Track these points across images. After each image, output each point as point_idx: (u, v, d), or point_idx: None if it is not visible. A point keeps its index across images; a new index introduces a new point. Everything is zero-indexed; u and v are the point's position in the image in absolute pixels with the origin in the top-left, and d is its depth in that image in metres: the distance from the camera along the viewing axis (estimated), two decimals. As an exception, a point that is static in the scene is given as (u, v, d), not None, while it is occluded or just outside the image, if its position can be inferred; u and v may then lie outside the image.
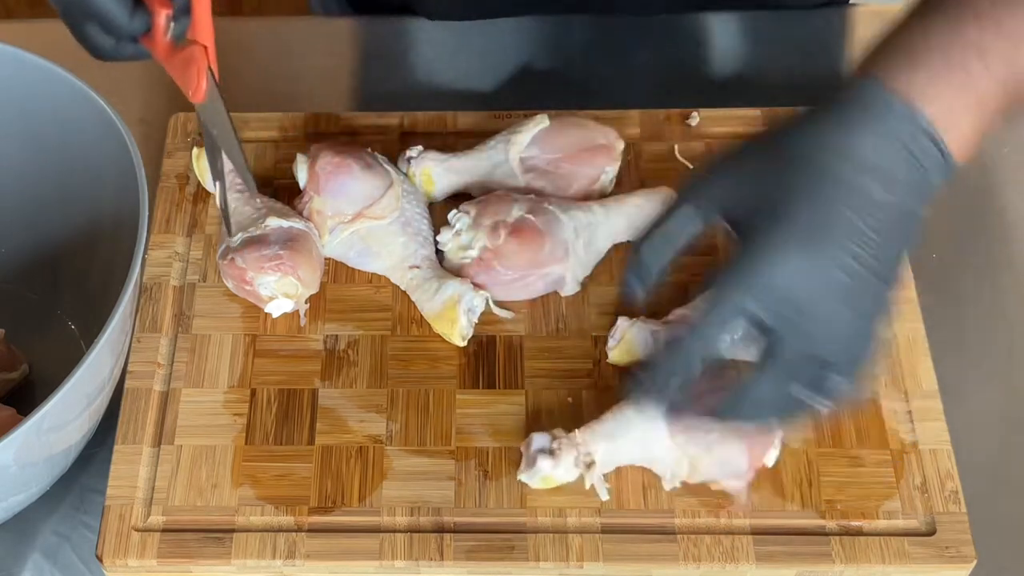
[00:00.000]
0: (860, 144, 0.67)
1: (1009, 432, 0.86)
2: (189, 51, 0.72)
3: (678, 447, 0.76)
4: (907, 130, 0.67)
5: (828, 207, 0.66)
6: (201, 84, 0.72)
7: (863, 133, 0.67)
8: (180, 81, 0.73)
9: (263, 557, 0.76)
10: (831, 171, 0.67)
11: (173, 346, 0.85)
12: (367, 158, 0.88)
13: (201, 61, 0.72)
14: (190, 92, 0.73)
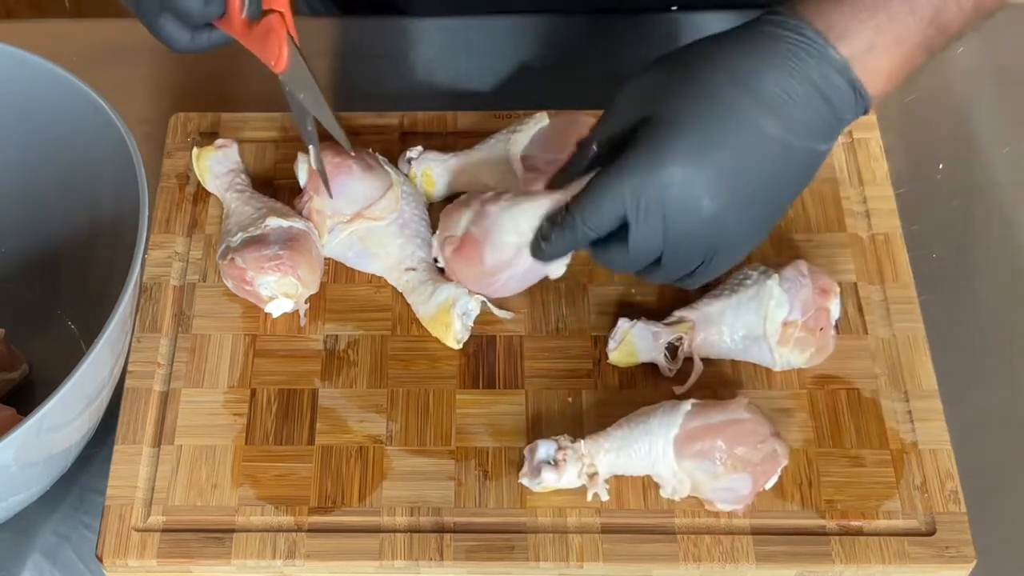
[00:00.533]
0: (763, 76, 0.69)
1: (1009, 432, 0.86)
2: (266, 22, 0.71)
3: (683, 470, 0.76)
4: (818, 67, 0.69)
5: (714, 129, 0.70)
6: (283, 53, 0.72)
7: (769, 66, 0.69)
8: (260, 54, 0.73)
9: (263, 557, 0.76)
10: (726, 97, 0.70)
11: (173, 346, 0.85)
12: (367, 158, 0.88)
13: (280, 30, 0.72)
14: (272, 62, 0.73)
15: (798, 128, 0.70)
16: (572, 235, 0.73)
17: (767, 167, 0.70)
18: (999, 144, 1.00)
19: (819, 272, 0.83)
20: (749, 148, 0.70)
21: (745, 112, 0.69)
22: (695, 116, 0.70)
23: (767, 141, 0.70)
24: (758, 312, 0.81)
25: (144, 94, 1.02)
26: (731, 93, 0.69)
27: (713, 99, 0.70)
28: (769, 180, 0.71)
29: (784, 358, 0.82)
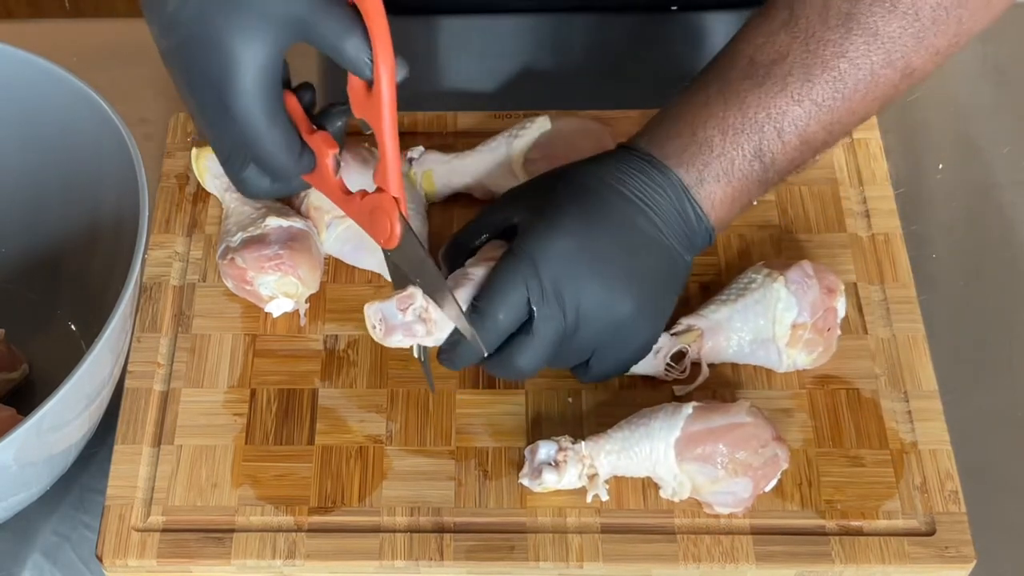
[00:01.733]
0: (629, 180, 0.76)
1: (1009, 432, 0.86)
2: (377, 199, 0.73)
3: (684, 473, 0.76)
4: (667, 183, 0.76)
5: (592, 213, 0.75)
6: (395, 232, 0.73)
7: (631, 175, 0.76)
8: (365, 226, 0.75)
9: (263, 557, 0.76)
10: (600, 192, 0.76)
11: (173, 346, 0.85)
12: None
13: (393, 212, 0.73)
14: (381, 240, 0.74)
15: (665, 229, 0.76)
16: (490, 325, 0.74)
17: (644, 257, 0.75)
18: (999, 144, 1.00)
19: (824, 271, 0.82)
20: (626, 235, 0.75)
21: (618, 204, 0.75)
22: (574, 203, 0.75)
23: (640, 233, 0.75)
24: (766, 315, 0.81)
25: (144, 94, 1.02)
26: (603, 190, 0.76)
27: (588, 192, 0.76)
28: (648, 271, 0.76)
29: (792, 359, 0.82)
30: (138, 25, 0.77)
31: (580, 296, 0.74)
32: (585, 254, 0.74)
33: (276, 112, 0.70)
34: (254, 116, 0.69)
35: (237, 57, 0.68)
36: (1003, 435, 0.85)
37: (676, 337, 0.82)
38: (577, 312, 0.74)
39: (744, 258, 0.88)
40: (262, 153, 0.71)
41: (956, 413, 0.82)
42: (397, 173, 0.72)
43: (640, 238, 0.75)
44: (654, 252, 0.76)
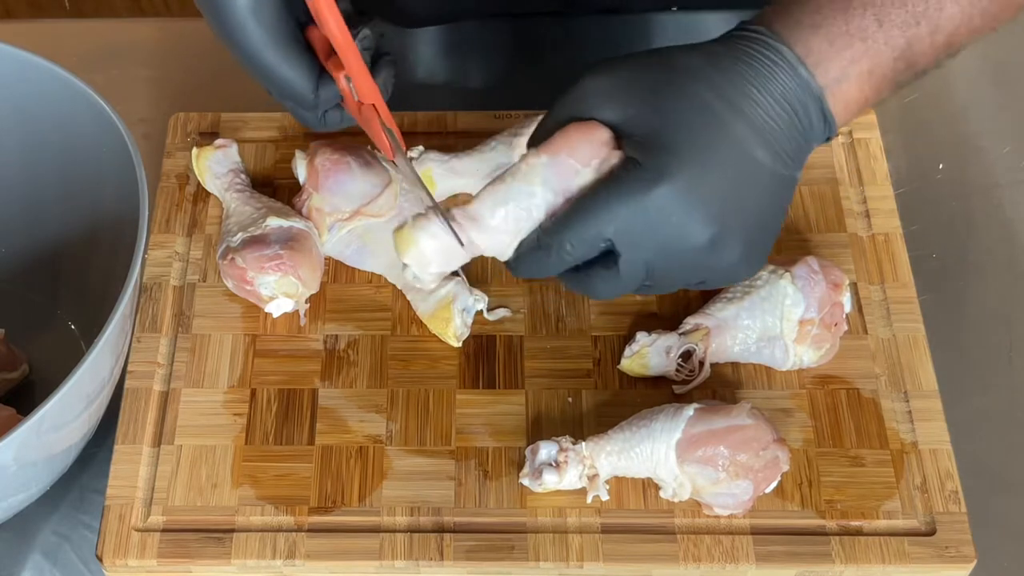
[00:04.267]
0: (752, 101, 0.67)
1: (1009, 432, 0.86)
2: (364, 112, 0.72)
3: (685, 474, 0.76)
4: (797, 94, 0.68)
5: (711, 154, 0.66)
6: (383, 143, 0.72)
7: (756, 90, 0.67)
8: (373, 139, 0.74)
9: (263, 557, 0.76)
10: (722, 120, 0.67)
11: (173, 346, 0.85)
12: (366, 155, 0.88)
13: (374, 122, 0.72)
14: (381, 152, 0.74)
15: (783, 156, 0.68)
16: (554, 259, 0.69)
17: (758, 195, 0.68)
18: (999, 144, 1.00)
19: (829, 266, 0.83)
20: (743, 176, 0.67)
21: (741, 138, 0.67)
22: (692, 139, 0.67)
23: (759, 169, 0.68)
24: (773, 313, 0.81)
25: (144, 94, 1.02)
26: (725, 116, 0.67)
27: (709, 121, 0.67)
28: (760, 209, 0.69)
29: (798, 357, 0.82)
30: (138, 25, 0.77)
31: (679, 250, 0.67)
32: (694, 207, 0.66)
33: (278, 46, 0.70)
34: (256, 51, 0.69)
35: None
36: (1003, 435, 0.85)
37: (684, 336, 0.82)
38: (670, 262, 0.68)
39: (744, 258, 0.88)
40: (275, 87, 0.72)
41: (956, 413, 0.82)
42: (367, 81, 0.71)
43: (760, 177, 0.67)
44: (769, 188, 0.68)
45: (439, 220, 0.70)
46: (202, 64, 1.04)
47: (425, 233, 0.70)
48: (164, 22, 1.15)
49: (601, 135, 0.68)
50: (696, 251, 0.67)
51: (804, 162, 0.70)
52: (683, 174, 0.66)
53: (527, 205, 0.69)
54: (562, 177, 0.68)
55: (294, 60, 0.71)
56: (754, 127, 0.67)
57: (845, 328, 0.83)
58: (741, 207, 0.67)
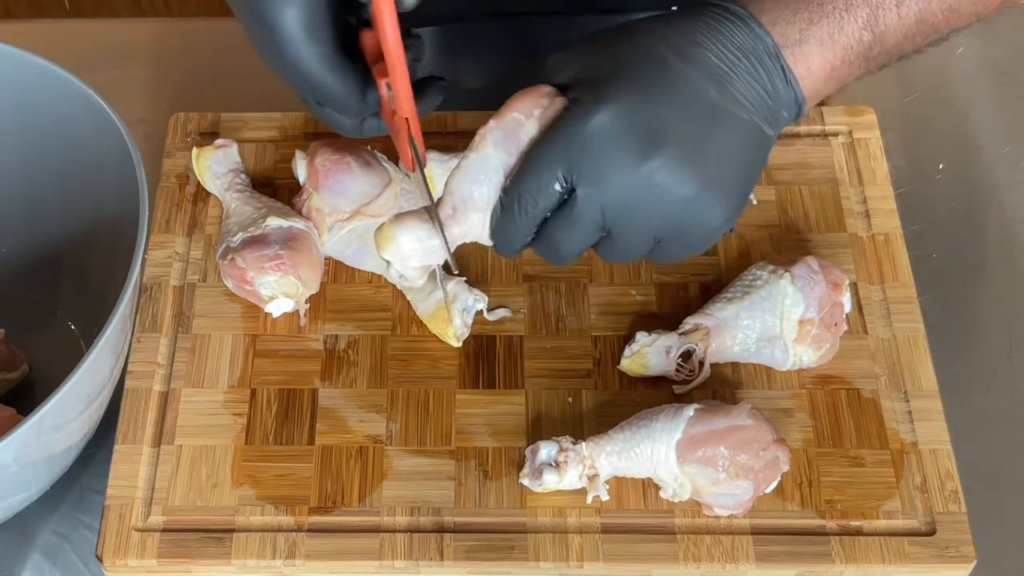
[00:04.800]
0: (703, 47, 0.67)
1: (1009, 432, 0.86)
2: (397, 124, 0.71)
3: (685, 475, 0.76)
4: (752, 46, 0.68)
5: (653, 86, 0.66)
6: (406, 155, 0.72)
7: (709, 39, 0.67)
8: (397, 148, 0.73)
9: (263, 557, 0.76)
10: (666, 61, 0.66)
11: (173, 346, 0.85)
12: (366, 155, 0.88)
13: (403, 135, 0.71)
14: (401, 162, 0.73)
15: (741, 99, 0.67)
16: (519, 217, 0.68)
17: (716, 128, 0.67)
18: (999, 144, 1.00)
19: (829, 266, 0.83)
20: (689, 103, 0.66)
21: (684, 74, 0.66)
22: (632, 74, 0.66)
23: (712, 107, 0.66)
24: (773, 312, 0.81)
25: (144, 94, 1.02)
26: (669, 57, 0.66)
27: (650, 60, 0.66)
28: (721, 143, 0.67)
29: (798, 357, 0.82)
30: (138, 25, 0.77)
31: (628, 177, 0.65)
32: (635, 130, 0.65)
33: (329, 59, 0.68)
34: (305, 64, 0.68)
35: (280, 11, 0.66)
36: (1003, 435, 0.85)
37: (684, 336, 0.82)
38: (627, 198, 0.66)
39: (744, 258, 0.88)
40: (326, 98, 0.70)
41: (956, 413, 0.82)
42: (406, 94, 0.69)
43: (710, 112, 0.66)
44: (727, 127, 0.67)
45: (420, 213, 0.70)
46: (202, 64, 1.04)
47: (401, 229, 0.70)
48: (164, 22, 1.16)
49: (543, 89, 0.69)
50: (646, 180, 0.66)
51: (776, 124, 0.69)
52: (619, 101, 0.65)
53: (485, 170, 0.69)
54: (509, 133, 0.68)
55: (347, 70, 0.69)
56: (701, 67, 0.67)
57: (845, 328, 0.83)
58: (693, 136, 0.66)
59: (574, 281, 0.88)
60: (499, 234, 0.70)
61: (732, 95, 0.67)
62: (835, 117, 0.94)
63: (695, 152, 0.66)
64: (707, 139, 0.66)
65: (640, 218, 0.67)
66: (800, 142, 0.93)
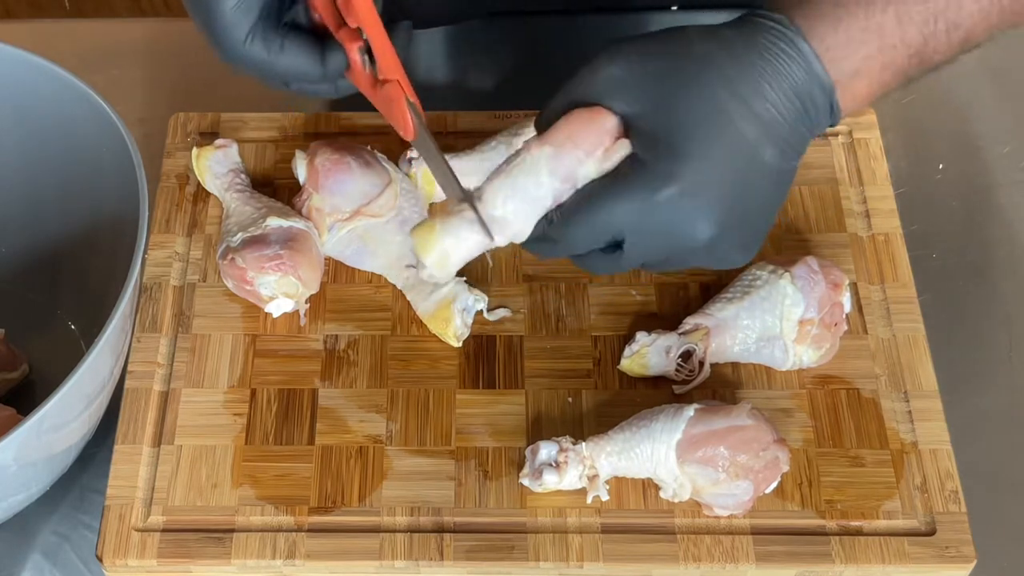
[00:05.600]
0: (762, 95, 0.66)
1: (1009, 432, 0.86)
2: (389, 91, 0.70)
3: (685, 475, 0.76)
4: (812, 92, 0.67)
5: (718, 153, 0.66)
6: (407, 122, 0.71)
7: (767, 83, 0.66)
8: (391, 121, 0.72)
9: (263, 557, 0.76)
10: (731, 117, 0.66)
11: (173, 346, 0.85)
12: (366, 155, 0.88)
13: (400, 99, 0.70)
14: (400, 131, 0.72)
15: (788, 151, 0.68)
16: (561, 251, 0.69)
17: (761, 193, 0.68)
18: (999, 144, 1.00)
19: (829, 266, 0.83)
20: (749, 177, 0.67)
21: (750, 139, 0.66)
22: (701, 141, 0.66)
23: (764, 167, 0.67)
24: (773, 312, 0.81)
25: (144, 94, 1.02)
26: (736, 116, 0.66)
27: (721, 122, 0.66)
28: (760, 204, 0.69)
29: (798, 357, 0.82)
30: (138, 25, 0.77)
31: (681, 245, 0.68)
32: (696, 205, 0.66)
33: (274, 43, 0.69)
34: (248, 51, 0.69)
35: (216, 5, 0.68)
36: (1003, 435, 0.85)
37: (684, 336, 0.82)
38: (672, 256, 0.69)
39: (744, 258, 0.88)
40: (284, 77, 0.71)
41: (956, 413, 0.82)
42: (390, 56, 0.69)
43: (762, 174, 0.67)
44: (771, 184, 0.68)
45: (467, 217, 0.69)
46: (202, 64, 1.03)
47: (449, 234, 0.69)
48: (164, 22, 1.15)
49: (606, 123, 0.68)
50: (696, 248, 0.68)
51: (804, 151, 0.70)
52: (690, 179, 0.66)
53: (534, 195, 0.68)
54: (566, 166, 0.68)
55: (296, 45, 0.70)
56: (763, 125, 0.66)
57: (845, 328, 0.83)
58: (744, 207, 0.68)
59: (574, 281, 0.88)
60: (537, 251, 0.71)
61: (780, 147, 0.67)
62: (835, 117, 0.94)
63: (744, 218, 0.68)
64: (755, 203, 0.68)
65: (675, 265, 0.70)
66: (800, 142, 0.93)
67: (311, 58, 0.70)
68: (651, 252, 0.68)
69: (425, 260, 0.69)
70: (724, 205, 0.67)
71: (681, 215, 0.66)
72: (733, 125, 0.66)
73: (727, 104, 0.66)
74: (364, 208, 0.86)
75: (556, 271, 0.88)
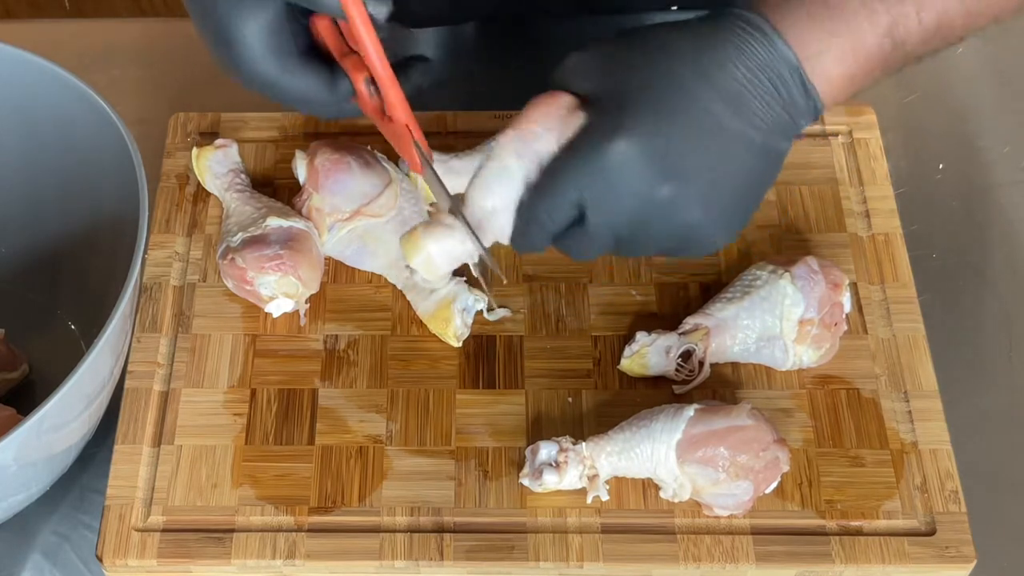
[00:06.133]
0: (725, 70, 0.67)
1: (1009, 432, 0.86)
2: (395, 126, 0.72)
3: (685, 475, 0.76)
4: (772, 63, 0.68)
5: (667, 110, 0.67)
6: (414, 160, 0.73)
7: (732, 61, 0.67)
8: (398, 150, 0.75)
9: (263, 557, 0.76)
10: (689, 89, 0.67)
11: (173, 346, 0.85)
12: (366, 155, 0.88)
13: (407, 140, 0.72)
14: (407, 165, 0.75)
15: (757, 122, 0.68)
16: (538, 230, 0.70)
17: (728, 157, 0.68)
18: (999, 144, 1.00)
19: (829, 266, 0.83)
20: (706, 134, 0.67)
21: (704, 100, 0.67)
22: (650, 99, 0.67)
23: (725, 131, 0.67)
24: (773, 312, 0.81)
25: (144, 94, 1.02)
26: (689, 80, 0.67)
27: (671, 84, 0.67)
28: (731, 171, 0.68)
29: (798, 357, 0.82)
30: (138, 25, 0.77)
31: (642, 206, 0.68)
32: (649, 159, 0.67)
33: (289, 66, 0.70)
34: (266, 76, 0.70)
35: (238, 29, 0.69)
36: (1003, 435, 0.85)
37: (684, 336, 0.82)
38: (636, 220, 0.68)
39: (744, 258, 0.88)
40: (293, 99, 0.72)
41: (956, 413, 0.82)
42: (399, 102, 0.71)
43: (725, 140, 0.68)
44: (739, 153, 0.68)
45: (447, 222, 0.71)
46: (202, 64, 1.03)
47: (432, 239, 0.72)
48: (164, 22, 1.15)
49: (562, 100, 0.69)
50: (657, 207, 0.67)
51: (790, 135, 0.70)
52: (638, 128, 0.66)
53: (508, 184, 0.69)
54: (528, 146, 0.69)
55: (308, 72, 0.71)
56: (721, 92, 0.67)
57: (845, 328, 0.83)
58: (706, 167, 0.67)
59: (574, 281, 0.88)
60: (517, 241, 0.71)
61: (749, 119, 0.68)
62: (835, 117, 0.94)
63: (705, 181, 0.67)
64: (718, 167, 0.68)
65: (647, 239, 0.69)
66: (800, 142, 0.93)
67: (320, 82, 0.72)
68: (614, 216, 0.68)
69: (412, 264, 0.73)
70: (679, 159, 0.67)
71: (633, 166, 0.66)
72: (684, 87, 0.67)
73: (680, 70, 0.67)
74: (364, 208, 0.86)
75: (556, 271, 0.88)
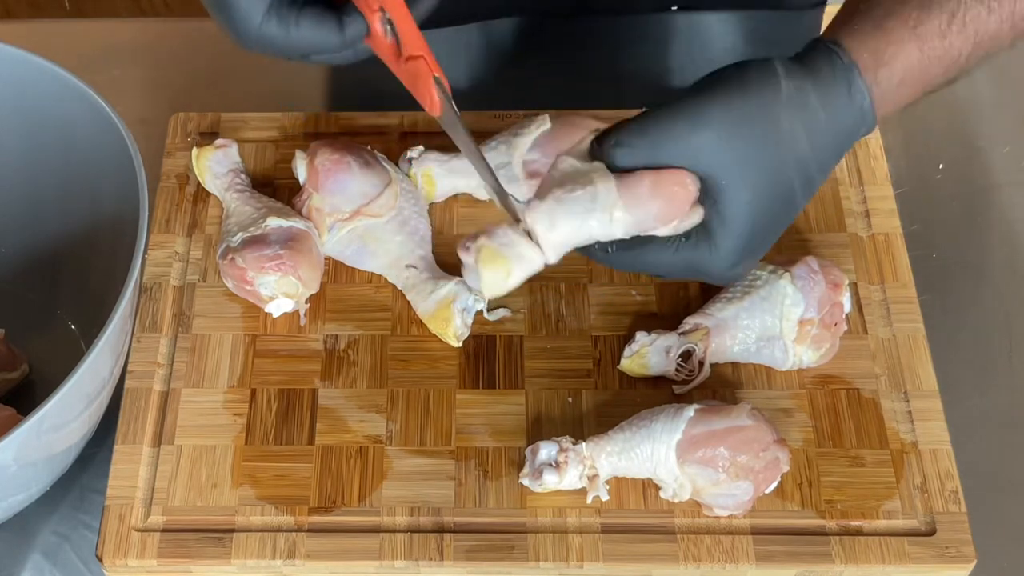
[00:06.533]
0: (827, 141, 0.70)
1: (1009, 432, 0.86)
2: (415, 66, 0.69)
3: (685, 475, 0.76)
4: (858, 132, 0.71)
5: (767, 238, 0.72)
6: (433, 98, 0.70)
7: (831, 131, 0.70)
8: (416, 96, 0.71)
9: (263, 557, 0.76)
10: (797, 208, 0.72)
11: (173, 346, 0.85)
12: (366, 155, 0.88)
13: (426, 75, 0.69)
14: (426, 107, 0.71)
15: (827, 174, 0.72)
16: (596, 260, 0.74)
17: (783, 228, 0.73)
18: (999, 144, 1.00)
19: (829, 266, 0.83)
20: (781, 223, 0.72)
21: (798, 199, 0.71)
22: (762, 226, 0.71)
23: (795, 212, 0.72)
24: (773, 312, 0.81)
25: (144, 94, 1.02)
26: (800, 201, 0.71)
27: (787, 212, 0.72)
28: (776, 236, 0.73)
29: (798, 357, 0.82)
30: (138, 25, 0.77)
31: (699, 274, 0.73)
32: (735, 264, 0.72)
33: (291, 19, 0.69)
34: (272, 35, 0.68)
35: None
36: (1003, 435, 0.85)
37: (684, 336, 0.82)
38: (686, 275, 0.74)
39: (744, 258, 0.88)
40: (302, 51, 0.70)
41: (956, 413, 0.82)
42: (414, 32, 0.69)
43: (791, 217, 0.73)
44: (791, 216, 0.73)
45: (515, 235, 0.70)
46: (202, 64, 1.04)
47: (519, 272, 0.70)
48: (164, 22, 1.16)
49: (690, 198, 0.69)
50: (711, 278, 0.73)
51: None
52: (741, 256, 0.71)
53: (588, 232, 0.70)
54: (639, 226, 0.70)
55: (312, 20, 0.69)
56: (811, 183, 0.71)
57: (845, 328, 0.83)
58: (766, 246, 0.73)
59: (574, 281, 0.88)
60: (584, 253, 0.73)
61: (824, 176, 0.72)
62: (835, 117, 0.94)
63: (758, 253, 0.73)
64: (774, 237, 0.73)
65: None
66: (800, 142, 0.93)
67: (329, 28, 0.69)
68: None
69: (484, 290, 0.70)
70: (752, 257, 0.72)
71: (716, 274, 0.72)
72: (794, 209, 0.72)
73: (796, 195, 0.71)
74: (364, 208, 0.86)
75: (556, 271, 0.87)
